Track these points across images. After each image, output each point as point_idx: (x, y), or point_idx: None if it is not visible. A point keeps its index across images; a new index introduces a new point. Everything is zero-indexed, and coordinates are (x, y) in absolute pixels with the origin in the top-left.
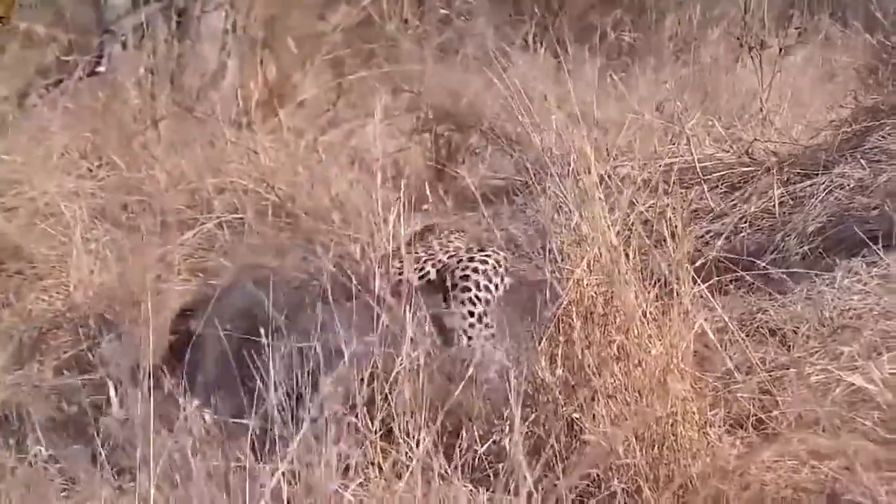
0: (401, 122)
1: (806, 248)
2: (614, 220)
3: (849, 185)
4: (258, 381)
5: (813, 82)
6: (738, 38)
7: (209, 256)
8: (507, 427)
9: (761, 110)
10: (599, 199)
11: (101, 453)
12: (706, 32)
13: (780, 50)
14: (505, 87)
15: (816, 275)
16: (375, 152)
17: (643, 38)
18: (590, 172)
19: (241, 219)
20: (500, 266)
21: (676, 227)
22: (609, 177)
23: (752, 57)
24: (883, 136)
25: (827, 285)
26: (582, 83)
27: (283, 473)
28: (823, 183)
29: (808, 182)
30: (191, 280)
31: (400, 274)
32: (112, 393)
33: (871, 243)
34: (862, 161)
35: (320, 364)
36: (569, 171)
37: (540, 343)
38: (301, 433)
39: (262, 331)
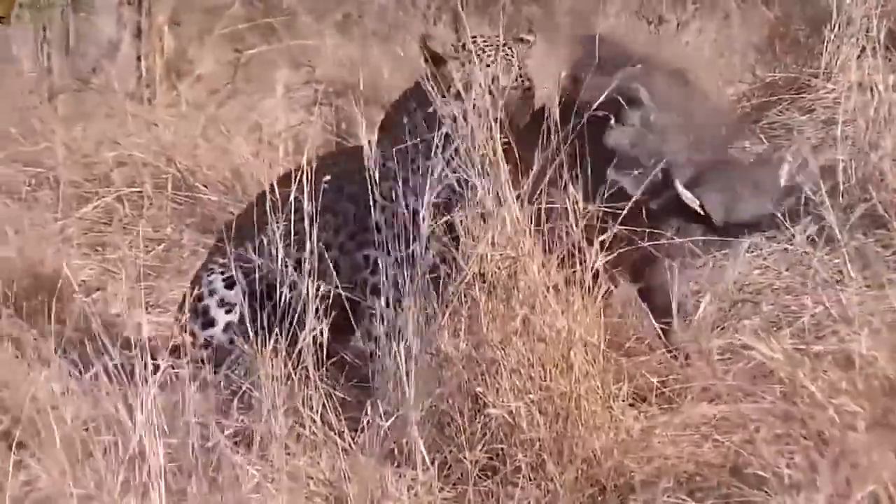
0: (300, 97)
1: None
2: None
3: (749, 161)
4: None
5: (710, 57)
6: (636, 13)
7: (107, 231)
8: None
9: None
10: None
11: None
12: (605, 7)
13: (678, 24)
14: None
15: (718, 247)
16: (277, 126)
17: (542, 11)
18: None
19: (140, 192)
20: None
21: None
22: None
23: (650, 31)
24: (780, 112)
25: (728, 260)
26: None
27: None
28: None
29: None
30: (90, 255)
31: None
32: None
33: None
34: (761, 136)
35: None
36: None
37: (444, 317)
38: None
39: None
